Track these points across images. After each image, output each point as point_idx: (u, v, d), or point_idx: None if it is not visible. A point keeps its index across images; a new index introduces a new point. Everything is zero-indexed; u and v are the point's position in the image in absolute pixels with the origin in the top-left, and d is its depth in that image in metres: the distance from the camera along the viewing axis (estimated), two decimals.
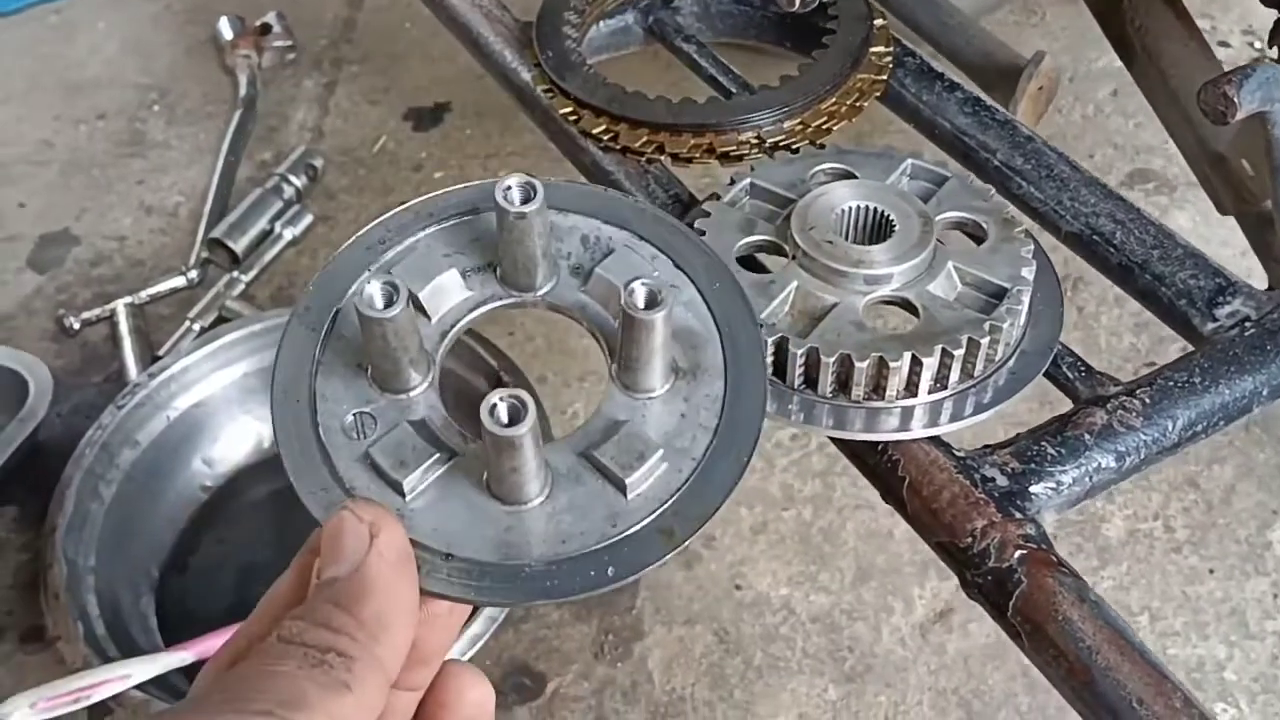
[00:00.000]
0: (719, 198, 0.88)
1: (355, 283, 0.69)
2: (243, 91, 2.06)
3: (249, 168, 1.97)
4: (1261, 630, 1.41)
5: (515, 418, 0.58)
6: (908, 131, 1.06)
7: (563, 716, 1.35)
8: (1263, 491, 1.53)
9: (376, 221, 0.73)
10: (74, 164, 2.00)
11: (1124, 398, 0.79)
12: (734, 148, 0.96)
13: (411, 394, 0.66)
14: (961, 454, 0.78)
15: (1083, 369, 0.82)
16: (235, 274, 1.77)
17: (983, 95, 1.00)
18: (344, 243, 0.72)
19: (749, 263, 0.86)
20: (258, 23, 2.16)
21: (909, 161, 0.89)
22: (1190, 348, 0.85)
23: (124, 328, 1.71)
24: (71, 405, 1.63)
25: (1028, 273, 0.81)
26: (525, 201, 0.66)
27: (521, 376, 1.50)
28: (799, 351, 0.77)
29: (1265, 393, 0.80)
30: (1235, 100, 0.82)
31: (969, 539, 0.73)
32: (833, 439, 0.81)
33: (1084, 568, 1.46)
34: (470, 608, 0.63)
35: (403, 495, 0.63)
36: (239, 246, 1.80)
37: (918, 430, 0.78)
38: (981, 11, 1.89)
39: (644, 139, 0.97)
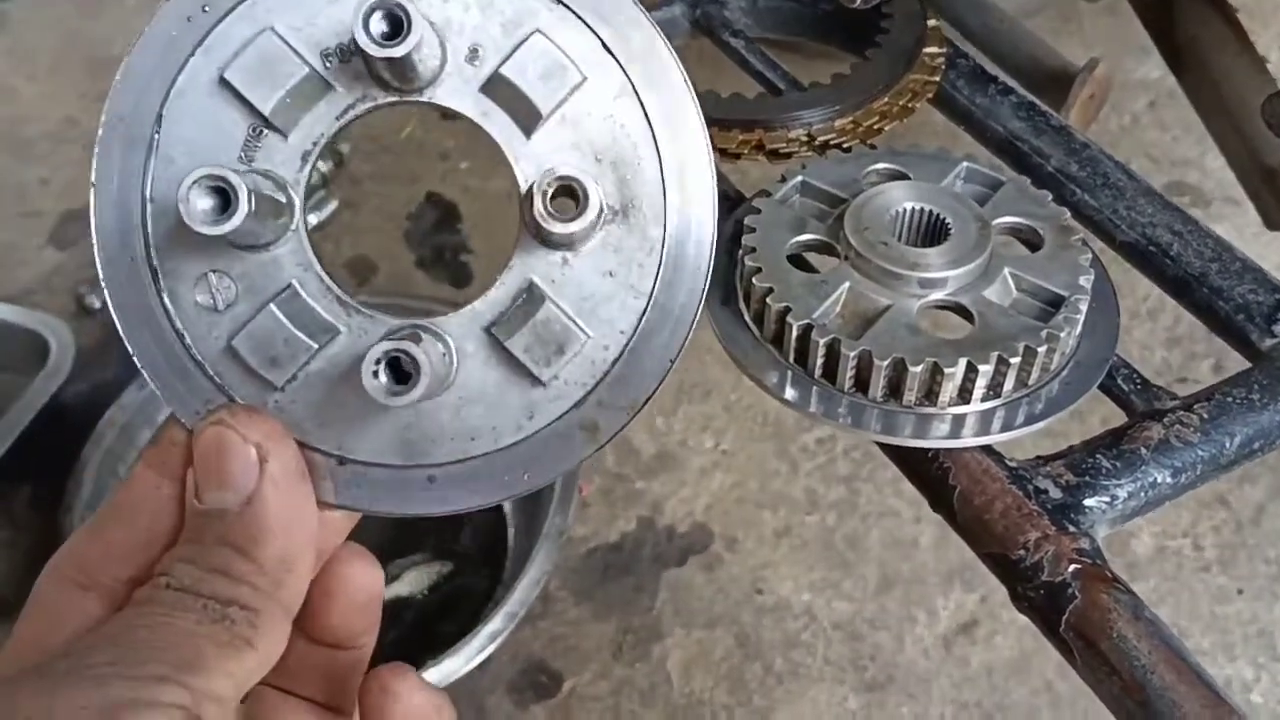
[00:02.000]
0: (769, 194, 0.87)
1: (178, 78, 0.54)
2: None
3: None
4: None
5: (403, 378, 0.49)
6: (943, 134, 1.05)
7: (579, 716, 1.33)
8: None
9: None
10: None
11: (1181, 412, 0.77)
12: (784, 145, 0.94)
13: (273, 250, 0.54)
14: (1014, 464, 0.76)
15: (1138, 381, 0.80)
16: None
17: (1036, 100, 0.98)
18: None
19: (797, 261, 0.84)
20: None
21: (964, 164, 0.87)
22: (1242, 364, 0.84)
23: None
24: (91, 384, 1.61)
25: (1086, 281, 0.79)
26: (393, 37, 0.49)
27: None
28: (851, 354, 0.75)
29: None
30: None
31: (1021, 551, 0.71)
32: (880, 444, 0.79)
33: None
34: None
35: (278, 389, 0.53)
36: None
37: (969, 439, 0.76)
38: (1024, 12, 1.87)
39: None
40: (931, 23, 1.02)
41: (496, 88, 0.55)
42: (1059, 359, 0.78)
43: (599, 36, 0.54)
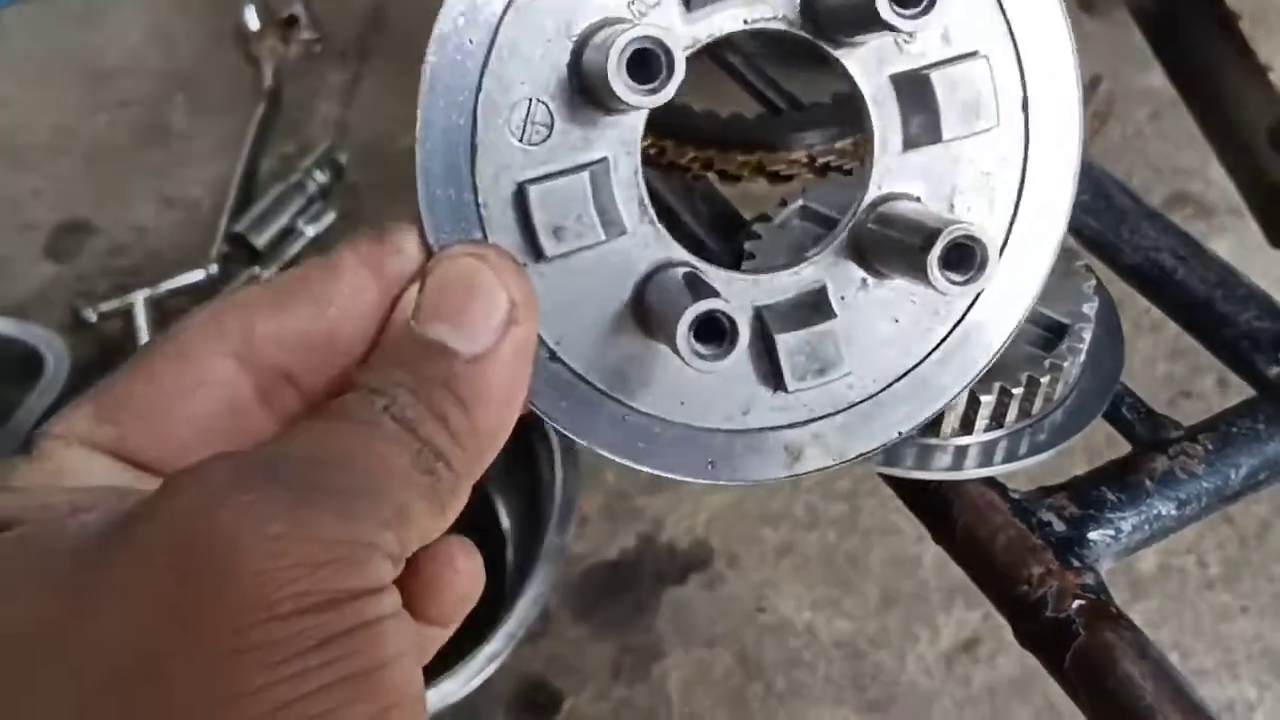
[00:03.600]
0: (769, 219, 0.86)
1: None
2: (267, 83, 2.04)
3: (272, 161, 1.95)
4: None
5: (719, 338, 0.45)
6: None
7: None
8: None
9: None
10: (94, 153, 1.98)
11: (1186, 443, 0.76)
12: (784, 167, 0.93)
13: (614, 115, 0.48)
14: (1017, 496, 0.75)
15: (1143, 411, 0.79)
16: (256, 270, 1.75)
17: None
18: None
19: None
20: (284, 14, 2.13)
21: None
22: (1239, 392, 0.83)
23: (141, 321, 1.69)
24: None
25: (1089, 309, 0.78)
26: None
27: None
28: None
29: None
30: None
31: (1025, 587, 0.70)
32: (883, 475, 0.78)
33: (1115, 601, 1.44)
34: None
35: (539, 258, 0.48)
36: (260, 242, 1.78)
37: (972, 470, 0.75)
38: None
39: (691, 155, 0.94)
40: None
41: (911, 84, 0.51)
42: (1063, 388, 0.77)
43: (1026, 92, 0.52)
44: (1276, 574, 1.46)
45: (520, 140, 0.48)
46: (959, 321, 0.54)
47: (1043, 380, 0.74)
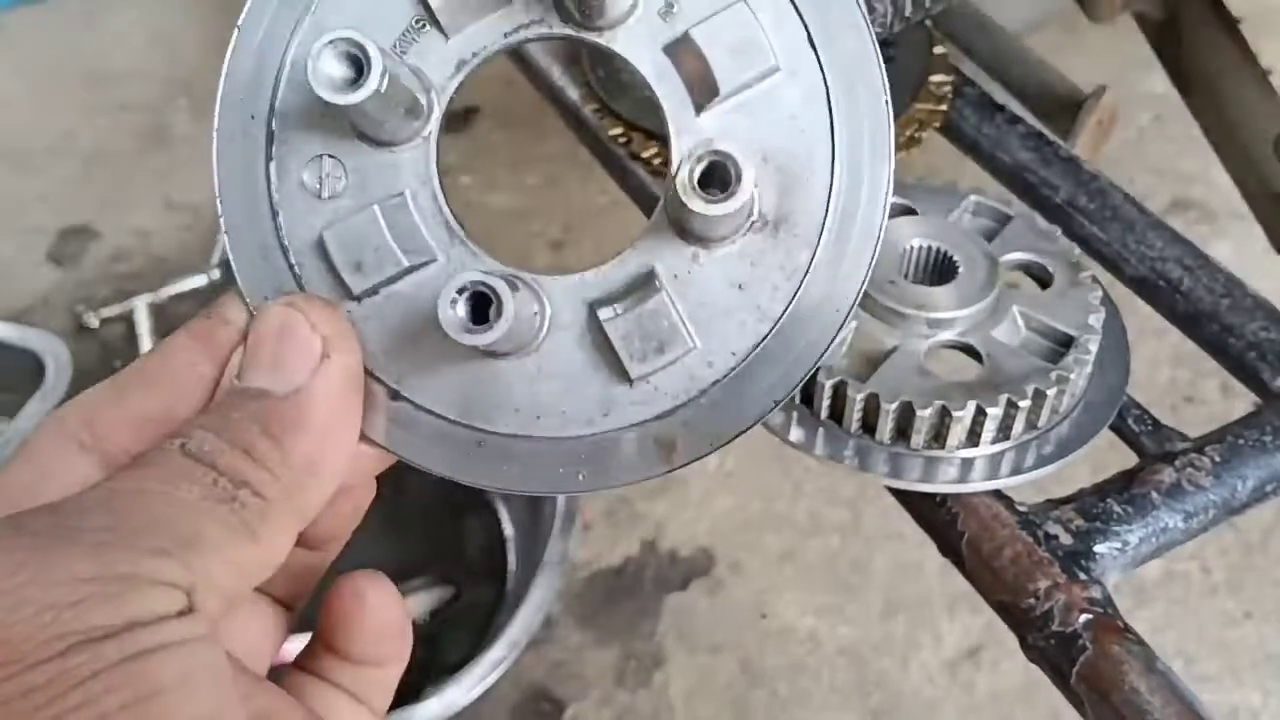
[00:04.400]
0: None
1: None
2: None
3: None
4: None
5: (483, 315, 0.45)
6: (955, 162, 1.04)
7: None
8: None
9: None
10: (97, 157, 1.98)
11: (1193, 455, 0.76)
12: None
13: (398, 150, 0.50)
14: (1024, 509, 0.75)
15: (1149, 423, 0.79)
16: None
17: (1045, 130, 0.97)
18: None
19: None
20: None
21: (972, 198, 0.86)
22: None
23: (143, 327, 1.68)
24: None
25: (1096, 321, 0.78)
26: None
27: None
28: (858, 396, 0.74)
29: None
30: None
31: (1031, 600, 0.70)
32: (888, 488, 0.78)
33: (1119, 607, 1.44)
34: (391, 460, 0.51)
35: (354, 299, 0.50)
36: None
37: (978, 482, 0.75)
38: (1026, 28, 1.86)
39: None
40: (938, 50, 1.01)
41: (681, 49, 0.50)
42: (1069, 400, 0.77)
43: (808, 29, 0.50)
44: None
45: (318, 195, 0.50)
46: (806, 272, 0.50)
47: (1049, 392, 0.74)
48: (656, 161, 0.95)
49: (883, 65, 0.50)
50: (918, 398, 0.73)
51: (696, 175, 0.46)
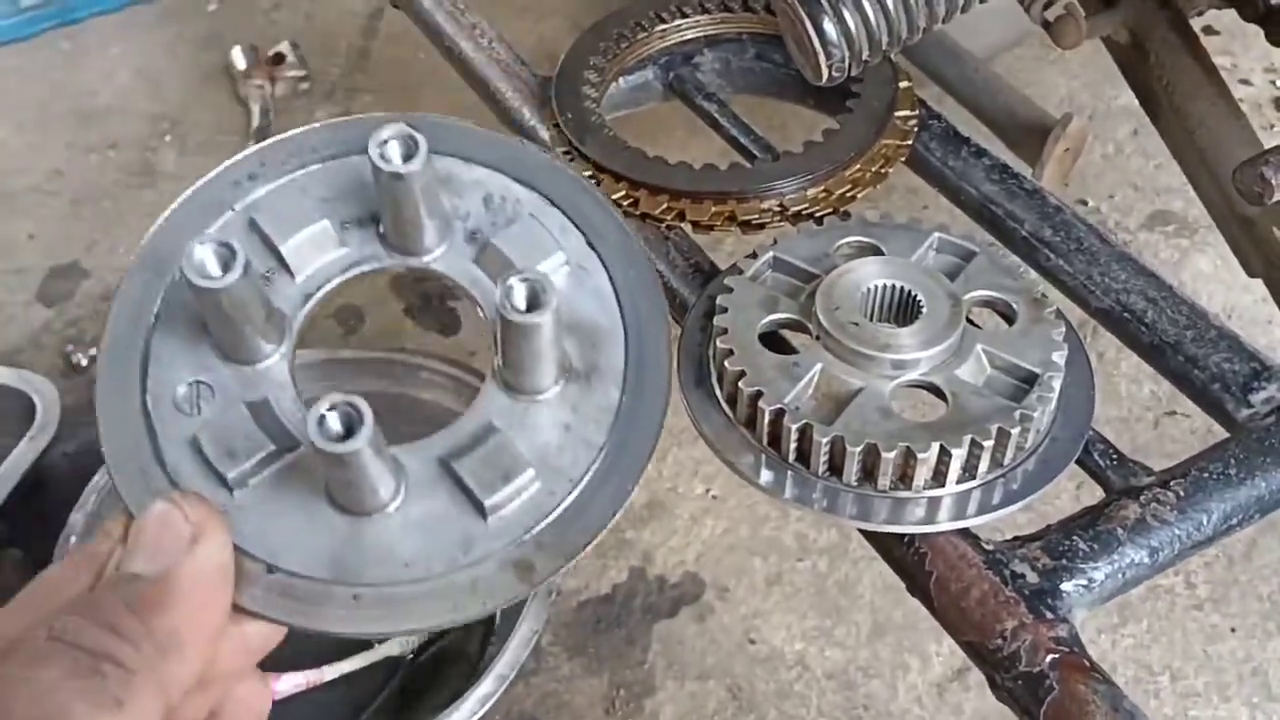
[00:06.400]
0: (741, 271, 0.86)
1: (214, 224, 0.62)
2: (255, 122, 2.05)
3: None
4: None
5: (350, 429, 0.51)
6: (924, 193, 1.05)
7: None
8: None
9: (248, 152, 0.65)
10: (85, 195, 1.99)
11: (1158, 489, 0.77)
12: (756, 216, 0.94)
13: (259, 366, 0.59)
14: (990, 547, 0.75)
15: (1115, 457, 0.80)
16: None
17: (1009, 162, 0.98)
18: (232, 151, 0.65)
19: (772, 339, 0.84)
20: (271, 52, 2.15)
21: (936, 235, 0.87)
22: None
23: None
24: (78, 444, 1.61)
25: (1059, 357, 0.79)
26: (407, 159, 0.58)
27: None
28: (824, 440, 0.75)
29: None
30: (1273, 182, 0.80)
31: (999, 640, 0.71)
32: (859, 530, 0.79)
33: (1104, 625, 1.45)
34: (284, 632, 0.56)
35: (229, 490, 0.56)
36: None
37: (945, 522, 0.76)
38: (1001, 48, 1.87)
39: (664, 205, 0.95)
40: (904, 84, 1.02)
41: (487, 258, 0.62)
42: (1035, 437, 0.78)
43: (584, 235, 0.64)
44: (1264, 593, 1.47)
45: (190, 413, 0.57)
46: (619, 406, 0.60)
47: (1013, 431, 0.75)
48: (626, 203, 0.96)
49: (644, 249, 0.66)
50: (883, 440, 0.74)
51: (516, 294, 0.55)
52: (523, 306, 0.55)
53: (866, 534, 0.80)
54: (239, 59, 2.13)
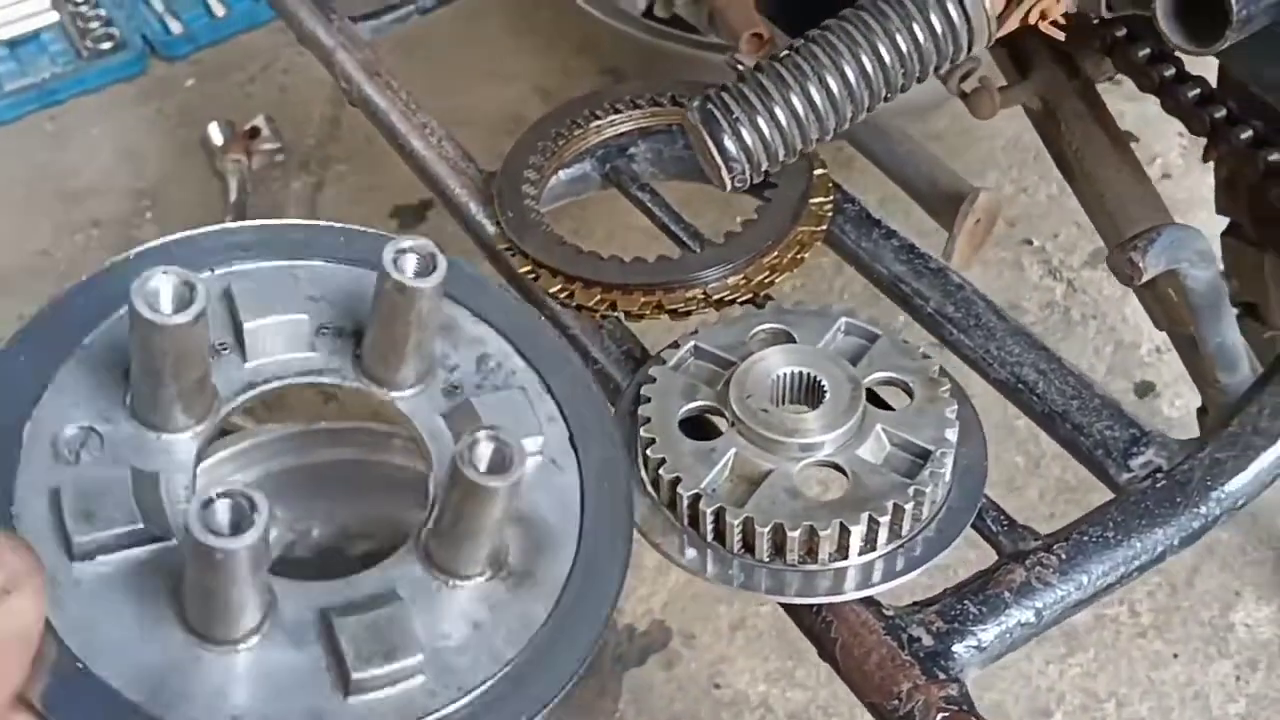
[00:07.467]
0: (664, 361, 0.94)
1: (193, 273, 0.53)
2: (233, 197, 2.13)
3: None
4: (1225, 713, 1.46)
5: (238, 526, 0.43)
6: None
7: None
8: (1225, 572, 1.58)
9: (251, 223, 0.60)
10: (71, 274, 2.05)
11: (1042, 554, 0.84)
12: (682, 304, 1.02)
13: (165, 436, 0.53)
14: (890, 613, 0.83)
15: (1005, 522, 0.87)
16: None
17: (917, 243, 1.06)
18: (210, 224, 0.60)
19: (697, 422, 0.91)
20: (246, 126, 2.23)
21: (843, 319, 0.94)
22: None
23: None
24: None
25: (951, 434, 0.86)
26: (419, 275, 0.53)
27: None
28: (736, 521, 0.82)
29: (1175, 543, 0.85)
30: (1141, 265, 0.88)
31: (896, 701, 0.78)
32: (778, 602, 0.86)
33: (1052, 655, 1.52)
34: None
35: (70, 558, 0.48)
36: None
37: (850, 592, 0.83)
38: (930, 107, 1.96)
39: (598, 297, 1.02)
40: (819, 172, 1.10)
41: (459, 416, 0.57)
42: (930, 508, 0.85)
43: (570, 431, 0.59)
44: (1206, 618, 1.54)
45: (70, 460, 0.51)
46: (543, 625, 0.53)
47: (907, 506, 0.83)
48: (563, 296, 1.04)
49: (628, 469, 0.61)
50: (789, 519, 0.82)
51: (480, 451, 0.49)
52: (483, 467, 0.48)
53: (783, 605, 0.87)
54: (215, 134, 2.21)
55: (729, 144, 0.89)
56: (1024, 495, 1.66)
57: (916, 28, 0.87)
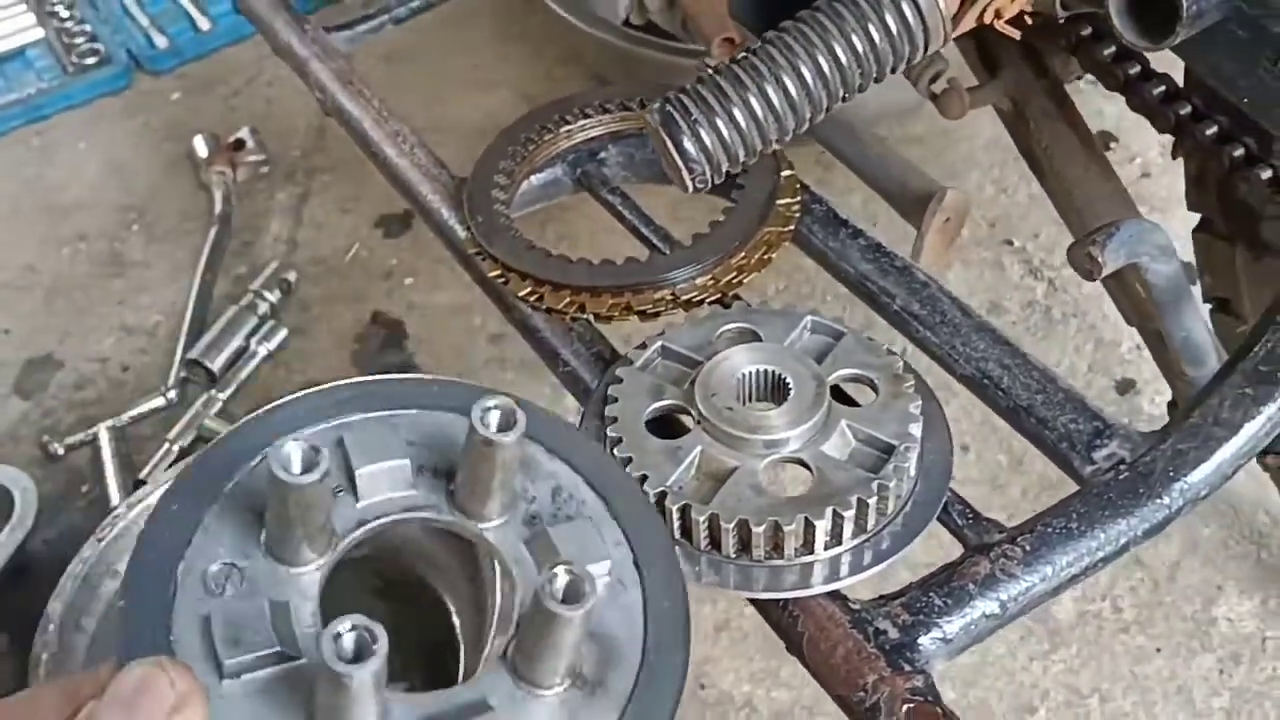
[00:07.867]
0: (631, 361, 0.95)
1: (311, 428, 0.66)
2: (218, 209, 2.14)
3: (225, 283, 2.04)
4: (1208, 707, 1.46)
5: (360, 654, 0.52)
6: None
7: None
8: (1207, 567, 1.59)
9: (360, 380, 0.70)
10: (57, 287, 2.07)
11: (1007, 546, 0.85)
12: (650, 306, 1.03)
13: (294, 570, 0.62)
14: (857, 607, 0.83)
15: (970, 516, 0.88)
16: (213, 392, 1.84)
17: (884, 242, 1.07)
18: (321, 383, 0.69)
19: (665, 421, 0.92)
20: (231, 138, 2.23)
21: (809, 318, 0.95)
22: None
23: (107, 452, 1.77)
24: (57, 531, 1.69)
25: (915, 429, 0.87)
26: (502, 430, 0.62)
27: None
28: (701, 518, 0.83)
29: (1139, 534, 0.85)
30: (1100, 259, 0.89)
31: (862, 693, 0.79)
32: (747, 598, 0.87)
33: (1035, 652, 1.52)
34: None
35: (220, 676, 0.57)
36: (216, 365, 1.87)
37: (817, 586, 0.84)
38: (903, 110, 1.98)
39: (567, 300, 1.03)
40: (786, 173, 1.10)
41: (538, 544, 0.66)
42: (895, 503, 0.86)
43: (634, 553, 0.67)
44: (1188, 613, 1.54)
45: (214, 591, 0.60)
46: (622, 713, 0.61)
47: (870, 501, 0.83)
48: (532, 299, 1.04)
49: (684, 584, 0.67)
50: (754, 515, 0.82)
51: (558, 584, 0.57)
52: (560, 597, 0.56)
53: (752, 602, 0.87)
54: (200, 147, 2.22)
55: (688, 145, 0.90)
56: (1007, 493, 1.67)
57: (871, 28, 0.87)
